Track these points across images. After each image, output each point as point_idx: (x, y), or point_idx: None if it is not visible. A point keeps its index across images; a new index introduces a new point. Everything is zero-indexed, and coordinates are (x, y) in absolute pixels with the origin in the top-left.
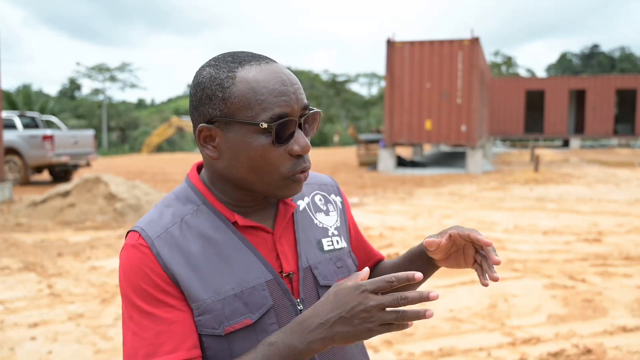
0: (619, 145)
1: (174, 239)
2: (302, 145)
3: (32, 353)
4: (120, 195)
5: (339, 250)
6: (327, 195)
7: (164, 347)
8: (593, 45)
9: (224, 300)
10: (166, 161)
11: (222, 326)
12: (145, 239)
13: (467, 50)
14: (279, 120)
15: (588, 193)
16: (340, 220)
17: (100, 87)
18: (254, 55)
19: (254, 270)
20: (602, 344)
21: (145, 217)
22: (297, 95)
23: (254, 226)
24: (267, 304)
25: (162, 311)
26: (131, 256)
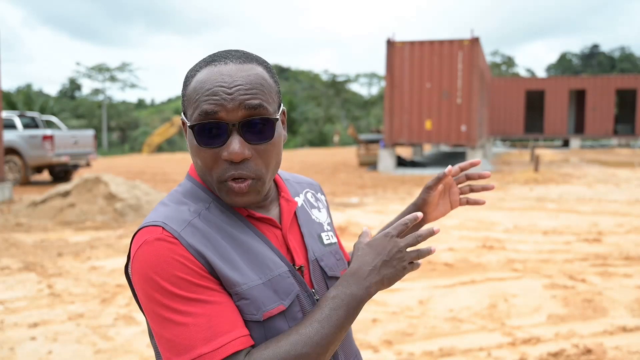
0: (619, 145)
1: (200, 231)
2: (230, 151)
3: (32, 353)
4: (120, 195)
5: (335, 245)
6: (314, 193)
7: (222, 327)
8: (593, 45)
9: (257, 287)
10: (166, 161)
11: (261, 312)
12: (171, 232)
13: (467, 50)
14: (204, 120)
15: (588, 193)
16: (328, 216)
17: (100, 87)
18: (227, 55)
19: (275, 261)
20: (602, 344)
21: (159, 214)
22: (233, 98)
23: (266, 219)
24: (295, 290)
25: (207, 295)
26: (159, 248)
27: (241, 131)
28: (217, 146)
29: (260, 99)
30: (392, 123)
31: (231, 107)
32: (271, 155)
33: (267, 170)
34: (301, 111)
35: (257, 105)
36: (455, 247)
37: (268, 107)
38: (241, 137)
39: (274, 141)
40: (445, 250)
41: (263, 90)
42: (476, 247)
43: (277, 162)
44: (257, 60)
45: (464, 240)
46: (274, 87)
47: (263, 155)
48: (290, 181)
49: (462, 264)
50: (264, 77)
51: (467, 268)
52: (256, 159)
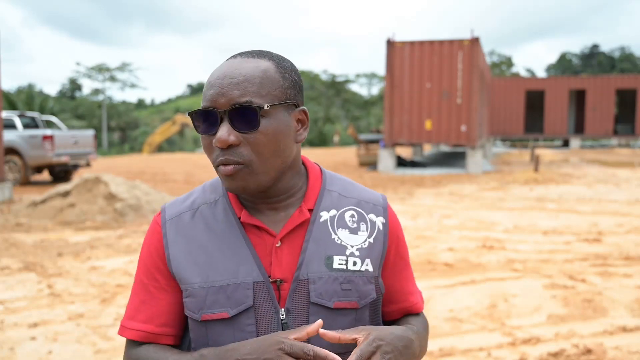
0: (619, 145)
1: (182, 225)
2: (217, 138)
3: (32, 353)
4: (120, 195)
5: (352, 272)
6: (364, 214)
7: (140, 316)
8: (593, 45)
9: (209, 289)
10: (166, 161)
11: (201, 312)
12: (161, 219)
13: (467, 50)
14: (195, 109)
15: (588, 193)
16: (374, 242)
17: (100, 87)
18: (243, 52)
19: (247, 269)
20: (602, 344)
21: (175, 199)
22: (225, 89)
23: (256, 225)
24: (247, 303)
25: (151, 285)
26: (150, 230)
27: (229, 119)
28: (211, 133)
29: (249, 91)
30: (392, 123)
31: (223, 98)
32: (262, 144)
33: (258, 159)
34: None
35: (244, 100)
36: (455, 247)
37: (257, 99)
38: (230, 125)
39: (265, 131)
40: (445, 250)
41: (256, 83)
42: (476, 247)
43: (275, 153)
44: (270, 56)
45: (464, 240)
46: (277, 82)
47: (252, 144)
48: (334, 193)
49: (462, 264)
50: (264, 70)
51: (467, 268)
52: (245, 146)
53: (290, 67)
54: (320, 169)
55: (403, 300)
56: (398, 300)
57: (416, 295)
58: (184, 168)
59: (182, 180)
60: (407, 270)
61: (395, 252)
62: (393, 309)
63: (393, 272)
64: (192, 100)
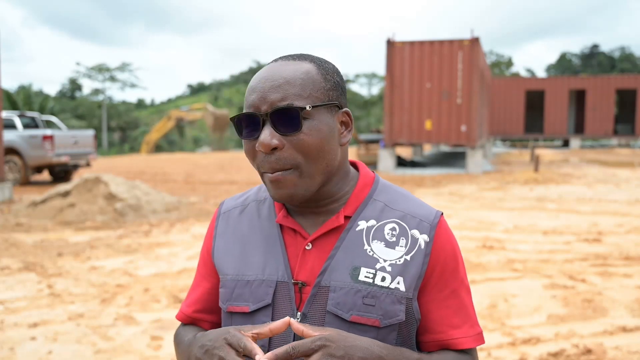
0: (619, 145)
1: (231, 219)
2: (260, 142)
3: (32, 353)
4: (120, 195)
5: (379, 288)
6: (407, 229)
7: (187, 300)
8: (593, 45)
9: (238, 282)
10: (166, 161)
11: (227, 303)
12: (218, 211)
13: (467, 50)
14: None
15: (588, 193)
16: (411, 261)
17: (100, 87)
18: (283, 55)
19: (273, 267)
20: (602, 344)
21: (237, 194)
22: (265, 93)
23: (291, 227)
24: (266, 300)
25: (199, 273)
26: (211, 220)
27: (271, 122)
28: (253, 138)
29: (291, 93)
30: (392, 123)
31: (264, 101)
32: (306, 146)
33: (305, 161)
34: None
35: (282, 98)
36: None
37: (299, 101)
38: (272, 129)
39: (307, 132)
40: None
41: (298, 85)
42: (476, 247)
43: (320, 155)
44: (309, 58)
45: (464, 240)
46: (319, 83)
47: (296, 146)
48: (379, 203)
49: None
50: (307, 72)
51: (467, 268)
52: (289, 149)
53: (332, 69)
54: (374, 177)
55: (440, 331)
56: (435, 331)
57: (461, 331)
58: (184, 168)
59: (182, 180)
60: (454, 299)
61: (439, 276)
62: (429, 339)
63: (434, 298)
64: (192, 100)
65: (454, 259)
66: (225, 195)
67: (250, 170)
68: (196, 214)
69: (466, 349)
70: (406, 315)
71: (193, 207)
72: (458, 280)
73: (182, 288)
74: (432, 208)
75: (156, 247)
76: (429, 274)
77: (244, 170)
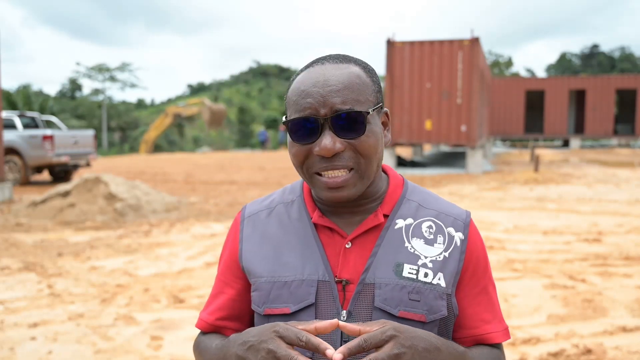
0: (619, 145)
1: (258, 222)
2: (322, 146)
3: (32, 353)
4: (120, 195)
5: (423, 284)
6: (443, 226)
7: (209, 307)
8: (593, 45)
9: (275, 284)
10: (166, 161)
11: (264, 306)
12: (241, 216)
13: (467, 50)
14: (296, 117)
15: (588, 193)
16: (449, 258)
17: (100, 87)
18: (326, 57)
19: (313, 267)
20: (602, 344)
21: (258, 198)
22: (324, 97)
23: (328, 226)
24: (308, 300)
25: (222, 280)
26: (230, 228)
27: (332, 126)
28: (310, 142)
29: (351, 98)
30: (392, 123)
31: (323, 105)
32: (366, 147)
33: (365, 162)
34: None
35: (343, 102)
36: None
37: (359, 105)
38: (332, 133)
39: (368, 135)
40: None
41: (354, 89)
42: None
43: (377, 157)
44: (355, 61)
45: None
46: (370, 86)
47: (358, 147)
48: (413, 202)
49: None
50: (358, 76)
51: None
52: (348, 152)
53: (374, 70)
54: (403, 179)
55: (474, 327)
56: (469, 327)
57: (493, 325)
58: (184, 168)
59: (182, 180)
60: (485, 296)
61: (472, 273)
62: (464, 336)
63: (467, 294)
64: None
65: (484, 257)
66: (225, 195)
67: (250, 171)
68: (196, 214)
69: (497, 343)
70: (447, 310)
71: (193, 207)
72: (487, 277)
73: (182, 288)
74: (461, 208)
75: (156, 247)
76: (464, 271)
77: (244, 170)
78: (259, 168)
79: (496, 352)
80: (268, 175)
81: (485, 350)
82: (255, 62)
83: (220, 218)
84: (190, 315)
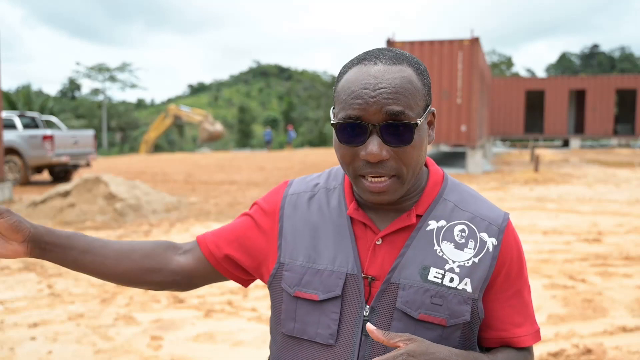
0: (619, 145)
1: (299, 205)
2: (368, 152)
3: (32, 353)
4: (120, 195)
5: (447, 288)
6: (476, 231)
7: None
8: (593, 45)
9: (308, 269)
10: (166, 161)
11: (295, 288)
12: (287, 189)
13: (467, 50)
14: (345, 120)
15: (588, 193)
16: (479, 263)
17: (100, 87)
18: (379, 55)
19: (343, 259)
20: (602, 344)
21: (306, 176)
22: (376, 101)
23: (362, 221)
24: (336, 291)
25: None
26: (274, 192)
27: (380, 133)
28: (356, 145)
29: (402, 104)
30: None
31: (373, 110)
32: (410, 157)
33: (407, 170)
34: (301, 111)
35: (399, 112)
36: None
37: (410, 113)
38: (380, 139)
39: (414, 144)
40: None
41: (407, 95)
42: None
43: (419, 163)
44: (408, 61)
45: None
46: (421, 90)
47: (402, 157)
48: (449, 203)
49: None
50: (411, 80)
51: None
52: (394, 160)
53: (425, 70)
54: (443, 175)
55: (503, 329)
56: (498, 329)
57: (523, 329)
58: (184, 168)
59: (182, 180)
60: (518, 299)
61: (504, 277)
62: (491, 336)
63: (498, 297)
64: (193, 100)
65: (519, 261)
66: (225, 195)
67: (250, 171)
68: (196, 214)
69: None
70: (471, 315)
71: (193, 207)
72: (522, 281)
73: None
74: (501, 210)
75: None
76: (495, 276)
77: (244, 170)
78: (259, 168)
79: (525, 354)
80: (268, 175)
81: (512, 354)
82: (255, 62)
83: (220, 218)
84: (190, 315)
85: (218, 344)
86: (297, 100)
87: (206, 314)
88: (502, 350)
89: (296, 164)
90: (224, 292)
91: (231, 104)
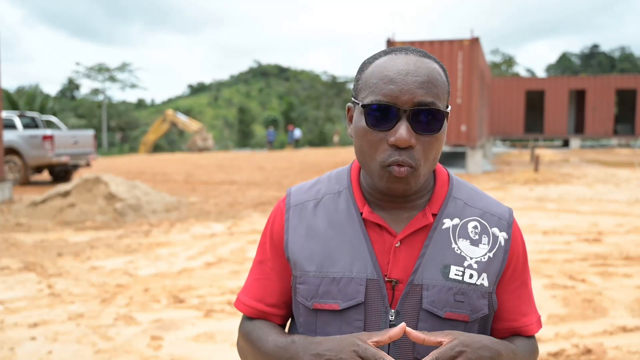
0: (619, 145)
1: (305, 213)
2: (397, 136)
3: (32, 353)
4: (120, 195)
5: (467, 285)
6: (488, 227)
7: (253, 293)
8: (593, 45)
9: (323, 279)
10: (166, 161)
11: (313, 300)
12: (287, 203)
13: (467, 50)
14: (377, 102)
15: (588, 193)
16: (493, 258)
17: (100, 87)
18: (408, 48)
19: (362, 264)
20: (602, 344)
21: (301, 184)
22: (409, 87)
23: (377, 223)
24: (358, 298)
25: (267, 266)
26: (273, 213)
27: (410, 119)
28: (385, 129)
29: (432, 95)
30: None
31: (406, 96)
32: (433, 148)
33: (425, 163)
34: (301, 111)
35: (430, 102)
36: None
37: (439, 103)
38: (409, 125)
39: (439, 136)
40: None
41: (437, 86)
42: None
43: (436, 160)
44: (433, 58)
45: None
46: (446, 86)
47: (426, 147)
48: (459, 201)
49: None
50: (439, 74)
51: None
52: (419, 149)
53: (447, 72)
54: (448, 174)
55: (513, 319)
56: (508, 319)
57: (530, 318)
58: (184, 168)
59: (182, 180)
60: (523, 290)
61: (513, 270)
62: (502, 327)
63: (507, 289)
64: (192, 100)
65: (524, 252)
66: (225, 195)
67: (250, 171)
68: (196, 214)
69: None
70: (488, 308)
71: (193, 207)
72: (526, 272)
73: (182, 288)
74: (504, 205)
75: (156, 247)
76: (506, 268)
77: (244, 170)
78: (259, 168)
79: (532, 342)
80: (268, 175)
81: (523, 342)
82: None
83: (220, 218)
84: (190, 315)
85: (218, 344)
86: (296, 100)
87: (206, 314)
88: (515, 338)
89: (296, 164)
90: (224, 292)
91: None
